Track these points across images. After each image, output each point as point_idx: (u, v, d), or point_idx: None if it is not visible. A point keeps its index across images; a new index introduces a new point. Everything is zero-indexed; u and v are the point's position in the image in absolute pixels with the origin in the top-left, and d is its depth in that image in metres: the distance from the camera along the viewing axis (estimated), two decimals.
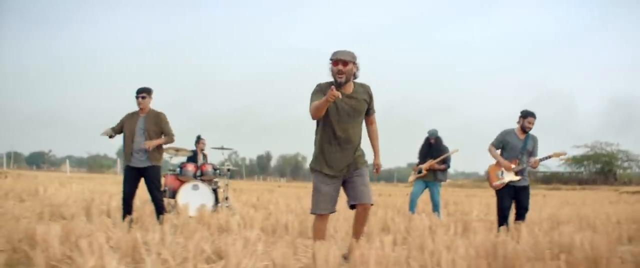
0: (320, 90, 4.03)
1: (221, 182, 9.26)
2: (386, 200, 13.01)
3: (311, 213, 4.11)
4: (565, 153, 6.36)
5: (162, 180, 6.94)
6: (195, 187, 8.20)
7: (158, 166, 6.02)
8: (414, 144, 8.91)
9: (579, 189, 31.91)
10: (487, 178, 6.33)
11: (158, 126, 6.00)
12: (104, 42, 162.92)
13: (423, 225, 6.15)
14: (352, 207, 4.16)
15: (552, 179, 44.48)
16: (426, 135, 9.00)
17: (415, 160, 9.07)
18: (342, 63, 3.93)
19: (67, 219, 6.24)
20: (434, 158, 8.65)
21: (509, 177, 6.05)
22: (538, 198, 15.57)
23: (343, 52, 3.97)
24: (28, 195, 9.33)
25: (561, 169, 48.45)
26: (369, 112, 4.22)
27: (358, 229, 4.21)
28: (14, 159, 53.45)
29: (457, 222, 6.73)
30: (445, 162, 8.67)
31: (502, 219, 6.12)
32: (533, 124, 6.09)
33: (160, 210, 6.04)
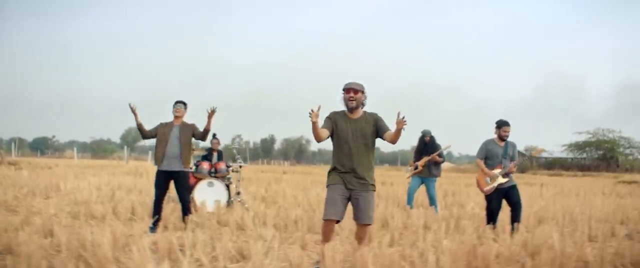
0: (330, 117, 4.70)
1: (234, 178, 9.92)
2: (388, 190, 13.59)
3: (323, 219, 4.73)
4: (543, 149, 7.10)
5: None
6: (211, 184, 8.83)
7: (188, 171, 6.66)
8: (422, 127, 9.64)
9: (580, 176, 32.27)
10: (477, 185, 6.97)
11: (189, 135, 6.63)
12: (108, 26, 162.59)
13: (419, 223, 6.77)
14: (356, 221, 4.80)
15: (554, 165, 44.93)
16: (420, 134, 9.72)
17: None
18: (353, 91, 4.65)
19: (98, 218, 6.88)
20: (429, 155, 9.31)
21: (497, 181, 6.69)
22: (535, 188, 16.16)
23: (355, 83, 4.69)
24: (52, 191, 9.97)
25: (563, 155, 48.95)
26: (383, 131, 4.72)
27: (359, 241, 4.85)
28: (18, 145, 54.09)
29: (450, 219, 7.37)
30: (440, 156, 9.34)
31: (490, 219, 6.77)
32: (508, 131, 6.80)
33: (186, 211, 6.69)
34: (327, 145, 5.28)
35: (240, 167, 9.80)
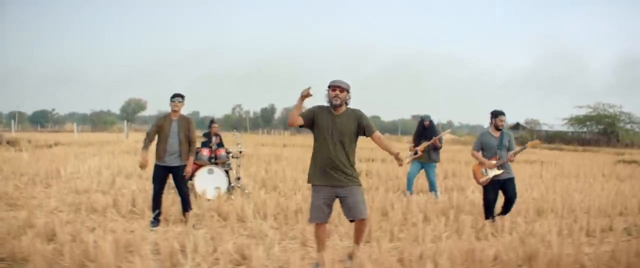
0: (312, 110, 4.72)
1: (234, 163, 9.96)
2: (388, 170, 13.61)
3: (308, 222, 4.76)
4: (538, 142, 7.13)
5: None
6: (211, 171, 8.85)
7: (185, 165, 6.68)
8: (422, 97, 9.67)
9: (580, 151, 32.18)
10: (474, 176, 6.99)
11: (187, 130, 6.62)
12: None
13: (418, 218, 6.80)
14: (351, 220, 4.82)
15: (554, 138, 44.88)
16: (419, 118, 9.73)
17: (419, 113, 9.84)
18: (339, 90, 4.64)
19: (99, 212, 6.91)
20: (428, 140, 9.32)
21: (493, 172, 6.72)
22: (535, 167, 16.19)
23: (340, 81, 4.68)
24: (52, 179, 9.98)
25: (564, 128, 48.90)
26: (368, 132, 4.76)
27: (357, 237, 4.88)
28: (18, 119, 54.11)
29: (449, 211, 7.40)
30: (439, 142, 9.36)
31: (488, 211, 6.80)
32: (504, 121, 6.83)
33: (186, 206, 6.71)
34: None
35: (240, 152, 9.82)
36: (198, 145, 9.56)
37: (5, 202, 7.25)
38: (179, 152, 6.56)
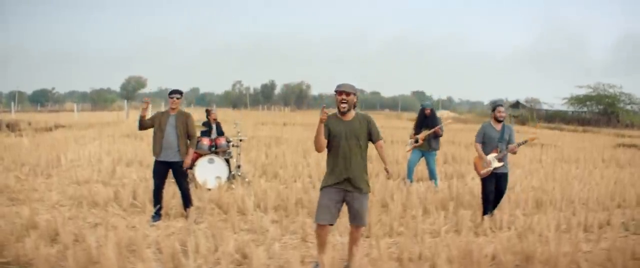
0: (325, 123, 4.65)
1: (234, 152, 9.99)
2: (389, 153, 13.66)
3: (314, 222, 4.79)
4: (537, 137, 7.24)
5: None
6: (211, 161, 8.89)
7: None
8: (423, 73, 9.69)
9: (580, 131, 32.18)
10: (474, 168, 7.06)
11: (185, 125, 6.63)
12: None
13: (417, 211, 6.87)
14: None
15: (554, 117, 44.77)
16: (420, 106, 9.70)
17: (419, 89, 9.88)
18: (345, 94, 4.63)
19: (100, 206, 6.96)
20: (429, 128, 9.34)
21: (494, 164, 6.79)
22: (535, 151, 16.23)
23: (345, 85, 4.66)
24: (52, 168, 10.00)
25: (564, 108, 48.77)
26: (374, 138, 4.84)
27: (352, 244, 4.92)
28: (18, 99, 53.92)
29: (449, 203, 7.45)
30: (440, 130, 9.39)
31: (487, 202, 6.87)
32: (502, 112, 6.91)
33: (187, 201, 6.76)
34: (328, 89, 5.33)
35: (241, 141, 9.83)
36: (198, 134, 9.58)
37: (7, 196, 7.28)
38: (177, 148, 6.57)
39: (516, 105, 63.36)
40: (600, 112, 43.94)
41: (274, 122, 30.51)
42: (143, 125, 6.69)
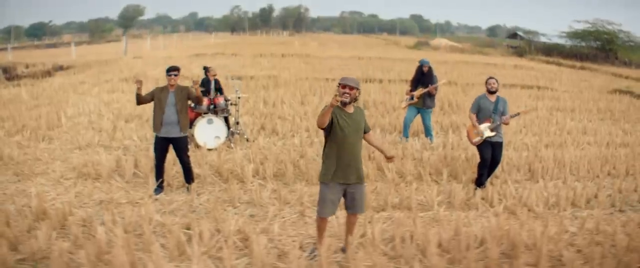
0: (333, 111, 4.75)
1: (233, 110, 10.10)
2: (385, 102, 13.73)
3: (317, 215, 5.00)
4: (531, 109, 7.41)
5: None
6: (210, 121, 8.99)
7: (186, 136, 6.83)
8: None
9: (578, 67, 31.95)
10: (467, 136, 7.32)
11: (184, 100, 6.71)
12: None
13: (410, 185, 7.08)
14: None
15: (553, 50, 44.09)
16: (419, 63, 9.72)
17: (417, 12, 9.99)
18: (349, 88, 4.76)
19: (104, 178, 7.16)
20: (425, 86, 9.41)
21: (486, 134, 7.04)
22: (532, 94, 16.30)
23: (350, 79, 4.81)
24: (53, 129, 10.06)
25: (562, 41, 47.96)
26: (366, 130, 5.03)
27: (350, 229, 5.16)
28: (15, 34, 53.08)
29: (442, 169, 7.65)
30: (435, 90, 9.48)
31: (483, 168, 7.09)
32: (493, 84, 7.13)
33: (188, 175, 6.94)
34: (326, 11, 5.37)
35: (239, 98, 9.90)
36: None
37: (12, 171, 7.43)
38: (177, 123, 6.67)
39: (514, 36, 62.47)
40: (598, 47, 43.27)
41: (273, 54, 30.17)
42: (141, 101, 6.75)
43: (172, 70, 6.68)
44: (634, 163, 8.41)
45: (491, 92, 7.15)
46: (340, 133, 4.76)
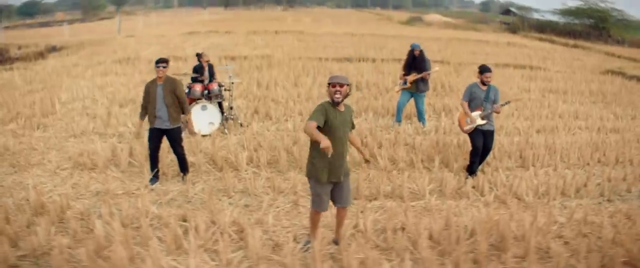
0: (322, 109, 4.78)
1: (226, 95, 10.12)
2: (378, 84, 13.77)
3: (312, 208, 5.09)
4: (521, 98, 7.45)
5: None
6: (204, 108, 9.04)
7: (179, 126, 6.89)
8: None
9: (570, 45, 31.79)
10: (458, 124, 7.44)
11: (173, 92, 6.74)
12: None
13: (403, 172, 7.19)
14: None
15: (546, 27, 43.88)
16: (410, 47, 9.74)
17: None
18: (339, 85, 4.75)
19: (100, 168, 7.23)
20: (418, 71, 9.46)
21: (477, 122, 7.18)
22: (525, 74, 16.35)
23: (339, 76, 4.78)
24: (47, 116, 10.07)
25: (555, 18, 47.72)
26: (352, 128, 5.10)
27: (339, 227, 5.28)
28: (6, 13, 52.18)
29: (435, 157, 7.76)
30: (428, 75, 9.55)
31: (475, 156, 7.20)
32: (489, 77, 7.16)
33: (183, 166, 7.02)
34: None
35: (232, 83, 9.92)
36: (190, 81, 9.63)
37: (9, 162, 7.46)
38: (167, 116, 6.73)
39: (507, 12, 62.17)
40: (591, 25, 43.05)
41: (266, 31, 29.99)
42: (144, 109, 6.92)
43: (161, 62, 6.68)
44: (624, 151, 8.53)
45: (485, 84, 7.21)
46: (331, 131, 4.78)
